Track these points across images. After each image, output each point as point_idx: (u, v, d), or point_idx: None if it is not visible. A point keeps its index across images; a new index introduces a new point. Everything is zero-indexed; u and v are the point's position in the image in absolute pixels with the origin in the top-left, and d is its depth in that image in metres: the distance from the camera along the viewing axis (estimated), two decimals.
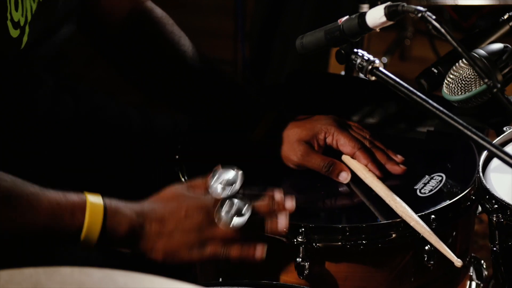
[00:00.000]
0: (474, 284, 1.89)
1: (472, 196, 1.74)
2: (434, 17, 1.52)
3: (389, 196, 1.71)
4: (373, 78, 1.60)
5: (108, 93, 2.12)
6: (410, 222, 1.66)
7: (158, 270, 1.38)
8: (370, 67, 1.59)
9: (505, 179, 1.67)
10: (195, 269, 1.90)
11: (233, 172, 1.57)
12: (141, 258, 1.55)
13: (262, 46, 3.39)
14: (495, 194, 1.61)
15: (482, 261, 1.92)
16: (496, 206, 1.61)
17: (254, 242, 1.56)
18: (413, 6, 1.54)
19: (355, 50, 1.62)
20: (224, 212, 1.53)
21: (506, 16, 1.76)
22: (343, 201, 1.79)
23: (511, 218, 1.59)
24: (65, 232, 1.49)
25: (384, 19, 1.59)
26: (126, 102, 2.10)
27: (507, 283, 1.66)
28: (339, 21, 1.65)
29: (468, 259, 1.86)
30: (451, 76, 1.69)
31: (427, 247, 1.67)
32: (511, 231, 1.61)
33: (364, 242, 1.66)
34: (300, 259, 1.65)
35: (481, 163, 1.69)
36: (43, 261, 1.72)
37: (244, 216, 1.53)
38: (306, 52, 1.70)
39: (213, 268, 1.82)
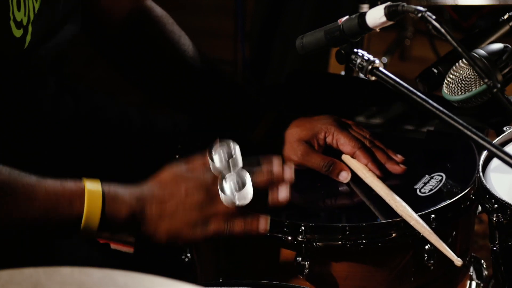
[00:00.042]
0: (474, 283, 1.89)
1: (472, 196, 1.74)
2: (434, 17, 1.52)
3: (389, 196, 1.71)
4: (373, 78, 1.60)
5: (108, 93, 2.12)
6: (410, 222, 1.66)
7: (158, 270, 1.38)
8: (370, 67, 1.59)
9: (505, 179, 1.67)
10: (195, 269, 1.90)
11: (231, 146, 1.55)
12: (145, 242, 1.53)
13: (262, 46, 3.39)
14: (495, 194, 1.61)
15: (482, 260, 1.92)
16: (496, 206, 1.61)
17: (257, 215, 1.55)
18: (413, 6, 1.54)
19: (355, 50, 1.62)
20: (226, 189, 1.52)
21: (506, 16, 1.76)
22: (343, 200, 1.79)
23: (511, 217, 1.59)
24: (64, 222, 1.48)
25: (384, 19, 1.59)
26: (126, 102, 2.10)
27: (507, 283, 1.66)
28: (339, 21, 1.65)
29: (468, 259, 1.86)
30: (451, 76, 1.69)
31: (427, 247, 1.67)
32: (511, 231, 1.61)
33: (364, 241, 1.66)
34: (300, 259, 1.65)
35: (481, 163, 1.69)
36: (43, 261, 1.73)
37: (247, 191, 1.52)
38: (306, 52, 1.70)
39: (213, 268, 1.82)
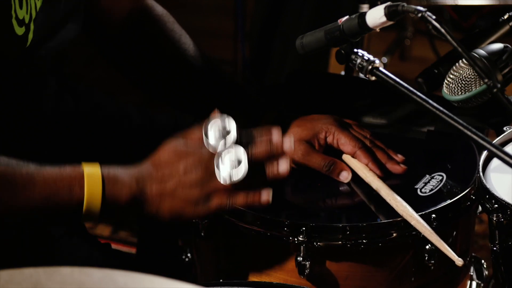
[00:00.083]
0: (474, 283, 1.89)
1: (472, 196, 1.74)
2: (434, 17, 1.52)
3: (389, 196, 1.71)
4: (373, 78, 1.60)
5: (108, 93, 2.12)
6: (411, 221, 1.66)
7: (158, 270, 1.38)
8: (370, 67, 1.59)
9: (505, 179, 1.67)
10: (195, 269, 1.90)
11: (226, 121, 1.53)
12: (149, 222, 1.51)
13: (262, 46, 3.39)
14: (495, 194, 1.61)
15: (483, 260, 1.92)
16: (496, 206, 1.61)
17: (259, 187, 1.55)
18: (413, 6, 1.54)
19: (355, 50, 1.62)
20: (222, 167, 1.51)
21: (506, 16, 1.76)
22: (343, 200, 1.79)
23: (511, 217, 1.59)
24: (66, 208, 1.48)
25: (384, 19, 1.59)
26: (126, 102, 2.09)
27: (507, 283, 1.66)
28: (339, 21, 1.65)
29: (468, 259, 1.86)
30: (451, 76, 1.69)
31: (427, 247, 1.67)
32: (511, 231, 1.61)
33: (364, 241, 1.66)
34: (301, 258, 1.65)
35: (481, 163, 1.69)
36: (43, 261, 1.73)
37: (243, 168, 1.50)
38: (306, 52, 1.70)
39: (213, 268, 1.82)
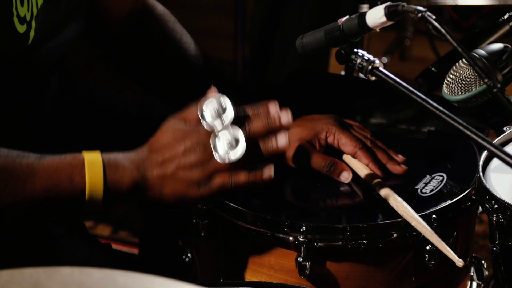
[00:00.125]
0: (474, 284, 1.89)
1: (473, 196, 1.74)
2: (434, 17, 1.52)
3: (390, 196, 1.71)
4: (373, 78, 1.60)
5: (108, 93, 2.12)
6: (411, 222, 1.66)
7: (158, 270, 1.38)
8: (370, 67, 1.59)
9: (505, 179, 1.67)
10: (195, 269, 1.90)
11: (222, 100, 1.52)
12: (150, 222, 1.49)
13: (262, 46, 3.39)
14: (495, 194, 1.61)
15: (483, 261, 1.92)
16: (496, 206, 1.60)
17: (260, 164, 1.54)
18: (413, 6, 1.54)
19: (355, 50, 1.62)
20: (220, 147, 1.50)
21: (506, 16, 1.76)
22: (344, 200, 1.79)
23: (511, 218, 1.59)
24: (68, 196, 1.48)
25: (384, 19, 1.59)
26: (126, 103, 2.09)
27: (507, 283, 1.66)
28: (339, 21, 1.65)
29: (469, 259, 1.86)
30: (451, 76, 1.69)
31: (428, 247, 1.67)
32: (511, 231, 1.61)
33: (365, 241, 1.66)
34: (302, 259, 1.65)
35: (481, 163, 1.69)
36: (43, 261, 1.72)
37: (241, 147, 1.50)
38: (306, 52, 1.70)
39: (213, 268, 1.82)
